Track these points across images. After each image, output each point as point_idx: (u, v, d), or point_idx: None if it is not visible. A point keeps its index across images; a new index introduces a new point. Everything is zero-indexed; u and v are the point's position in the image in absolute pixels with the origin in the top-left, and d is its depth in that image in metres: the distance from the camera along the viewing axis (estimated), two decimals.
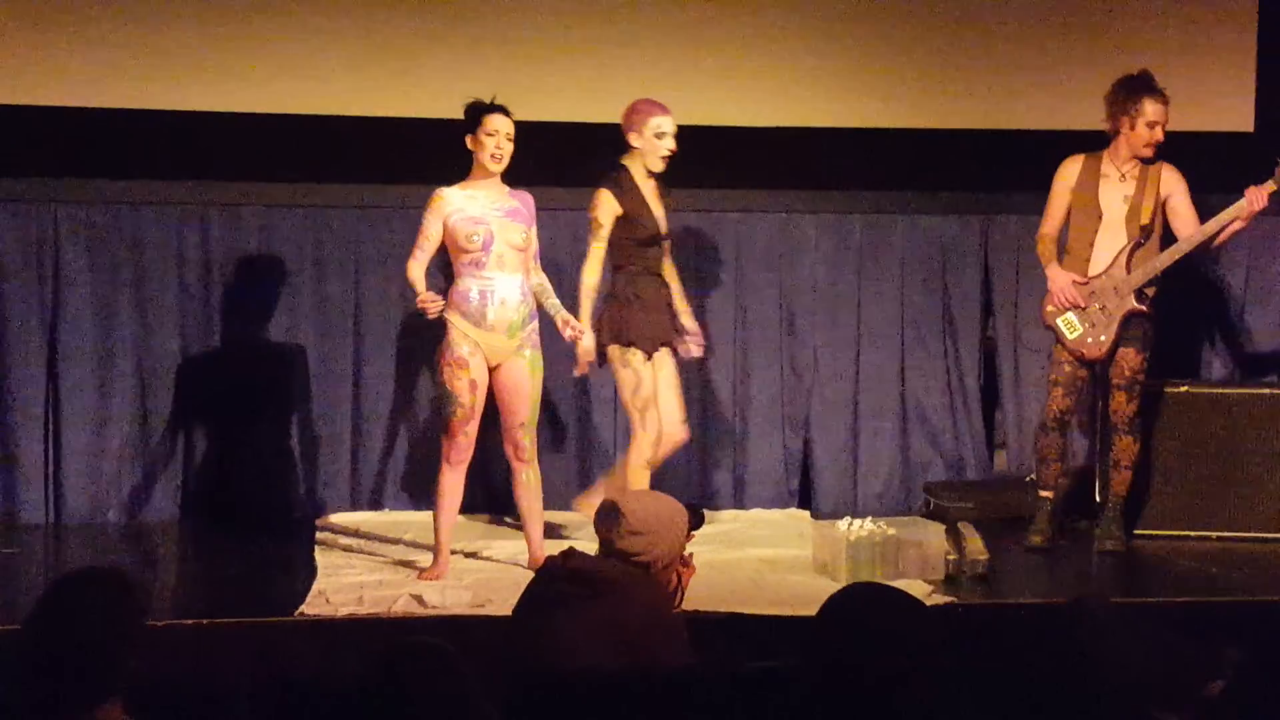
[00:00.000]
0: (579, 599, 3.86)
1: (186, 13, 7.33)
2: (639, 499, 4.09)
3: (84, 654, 3.18)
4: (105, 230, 7.45)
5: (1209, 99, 7.78)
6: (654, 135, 6.54)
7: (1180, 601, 6.05)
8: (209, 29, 7.35)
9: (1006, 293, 8.00)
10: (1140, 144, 6.79)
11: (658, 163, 6.56)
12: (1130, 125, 6.78)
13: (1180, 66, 7.73)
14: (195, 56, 7.34)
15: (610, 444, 7.75)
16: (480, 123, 6.21)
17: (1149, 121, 6.75)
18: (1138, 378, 6.91)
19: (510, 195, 6.32)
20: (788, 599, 5.86)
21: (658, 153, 6.54)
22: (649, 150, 6.55)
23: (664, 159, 6.55)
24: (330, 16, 7.43)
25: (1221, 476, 7.26)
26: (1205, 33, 7.89)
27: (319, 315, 7.61)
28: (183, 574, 6.93)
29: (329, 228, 7.62)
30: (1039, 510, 7.01)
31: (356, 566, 6.46)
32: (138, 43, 7.30)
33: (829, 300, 7.91)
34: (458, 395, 6.21)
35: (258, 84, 7.39)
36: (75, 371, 7.42)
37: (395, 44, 7.47)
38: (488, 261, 6.19)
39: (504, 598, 5.36)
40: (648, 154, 6.56)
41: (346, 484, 7.61)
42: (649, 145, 6.54)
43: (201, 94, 7.33)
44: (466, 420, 6.24)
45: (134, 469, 7.47)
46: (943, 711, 2.91)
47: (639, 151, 6.56)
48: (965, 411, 8.01)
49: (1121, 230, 6.84)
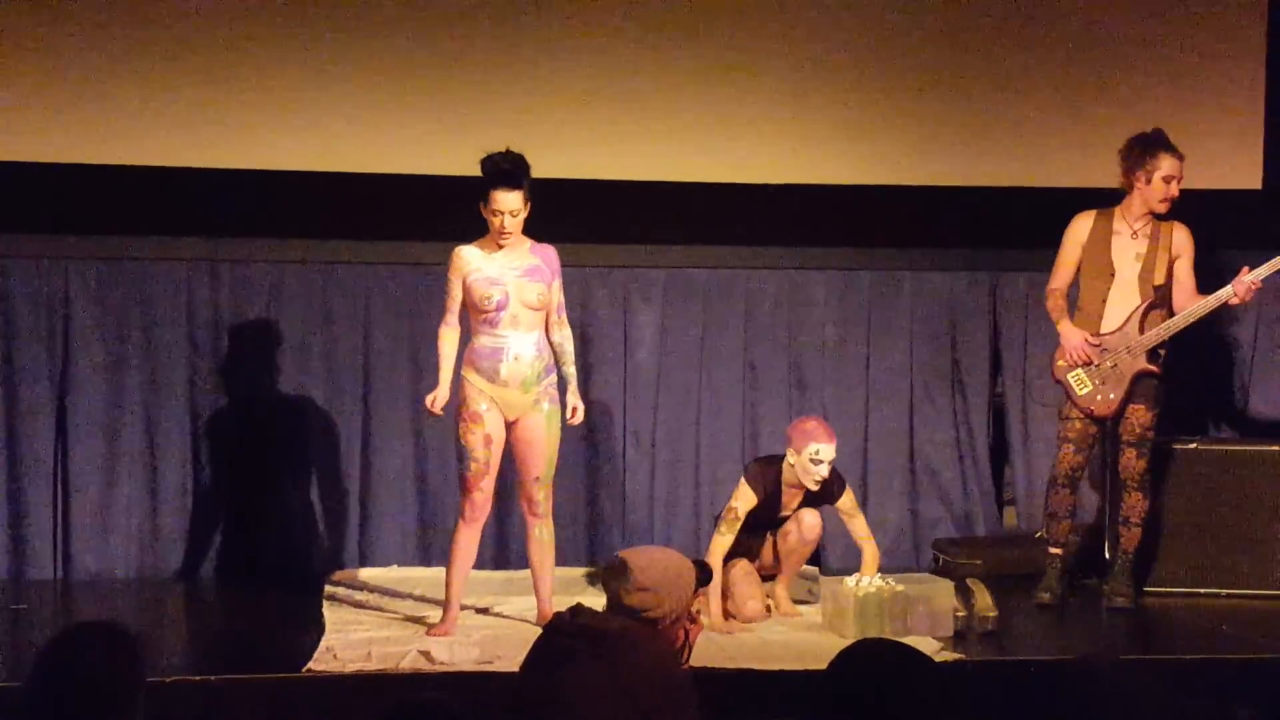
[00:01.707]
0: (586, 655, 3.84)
1: (197, 70, 7.36)
2: (647, 555, 4.08)
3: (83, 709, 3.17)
4: (115, 287, 7.47)
5: (1216, 156, 7.79)
6: (810, 460, 6.57)
7: (1190, 659, 6.03)
8: (219, 86, 7.37)
9: (1015, 349, 8.00)
10: (1156, 199, 6.80)
11: (811, 484, 6.61)
12: (1146, 180, 6.79)
13: (1188, 124, 7.75)
14: (205, 113, 7.36)
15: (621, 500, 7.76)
16: (487, 197, 6.17)
17: (1165, 176, 6.76)
18: (1148, 434, 6.90)
19: (531, 251, 6.29)
20: (795, 655, 5.86)
21: (811, 476, 6.59)
22: (801, 470, 6.60)
23: (817, 482, 6.59)
24: (341, 73, 7.46)
25: (1232, 534, 7.23)
26: (1213, 90, 7.91)
27: (329, 371, 7.62)
28: (190, 630, 6.92)
29: (339, 284, 7.63)
30: (1049, 567, 6.99)
31: (365, 622, 6.45)
32: (147, 100, 7.33)
33: (838, 357, 7.91)
34: (472, 450, 6.22)
35: (267, 140, 7.42)
36: (84, 428, 7.43)
37: (405, 101, 7.50)
38: (502, 320, 6.20)
39: (512, 654, 5.35)
40: (800, 473, 6.61)
41: (355, 539, 7.60)
42: (802, 466, 6.59)
43: (211, 150, 7.36)
44: (481, 475, 6.24)
45: (142, 525, 7.46)
46: None
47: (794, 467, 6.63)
48: (974, 468, 8.01)
49: (1134, 289, 6.84)
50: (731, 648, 6.03)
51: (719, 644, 6.05)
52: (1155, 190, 6.78)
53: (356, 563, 7.55)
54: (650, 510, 7.79)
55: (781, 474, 6.64)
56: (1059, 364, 6.92)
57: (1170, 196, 6.79)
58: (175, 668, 5.62)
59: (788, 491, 6.66)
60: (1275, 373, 8.02)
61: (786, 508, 6.70)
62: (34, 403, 7.40)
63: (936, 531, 7.89)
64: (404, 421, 7.63)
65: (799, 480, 6.59)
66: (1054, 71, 7.89)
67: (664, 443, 7.82)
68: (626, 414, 7.80)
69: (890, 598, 6.30)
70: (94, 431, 7.44)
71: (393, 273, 7.63)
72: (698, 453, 7.83)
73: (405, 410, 7.62)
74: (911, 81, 7.82)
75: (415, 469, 7.65)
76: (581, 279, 7.60)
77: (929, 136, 7.83)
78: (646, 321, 7.82)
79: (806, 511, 6.66)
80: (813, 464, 6.54)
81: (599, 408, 7.75)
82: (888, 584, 6.36)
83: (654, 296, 7.84)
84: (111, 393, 7.46)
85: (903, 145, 7.82)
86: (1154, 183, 6.78)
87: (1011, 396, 8.05)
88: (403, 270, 7.58)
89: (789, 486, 6.64)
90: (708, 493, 7.72)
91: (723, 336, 7.86)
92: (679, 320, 7.84)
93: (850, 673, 3.01)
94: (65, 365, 7.43)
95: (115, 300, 7.47)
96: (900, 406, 7.96)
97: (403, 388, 7.62)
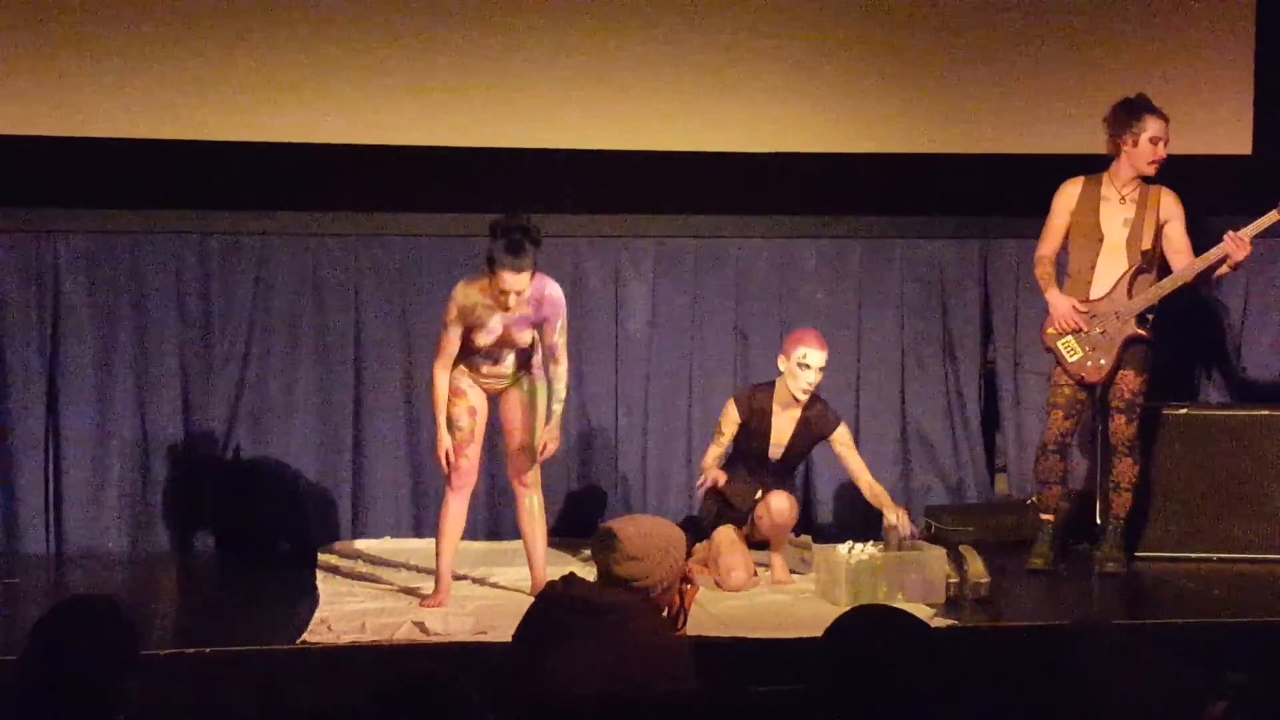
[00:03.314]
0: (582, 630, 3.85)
1: (186, 42, 7.34)
2: (635, 524, 4.09)
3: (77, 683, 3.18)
4: (104, 260, 7.46)
5: (1207, 122, 7.81)
6: (797, 364, 6.62)
7: (1182, 623, 6.05)
8: (208, 58, 7.35)
9: (1006, 317, 8.01)
10: (1144, 161, 6.81)
11: (799, 392, 6.66)
12: (1133, 143, 6.79)
13: (1178, 90, 7.76)
14: (194, 86, 7.35)
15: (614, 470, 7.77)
16: (494, 274, 5.96)
17: (1152, 137, 6.77)
18: (1137, 400, 6.91)
19: (530, 301, 6.11)
20: (790, 622, 5.87)
21: (798, 382, 6.64)
22: (790, 376, 6.66)
23: (805, 391, 6.64)
24: (329, 44, 7.43)
25: (1222, 498, 7.26)
26: (1203, 57, 7.91)
27: (320, 343, 7.61)
28: (184, 603, 6.91)
29: (329, 255, 7.62)
30: (1041, 533, 7.01)
31: (359, 594, 6.45)
32: (136, 73, 7.31)
33: (829, 325, 7.89)
34: (457, 420, 6.24)
35: (257, 112, 7.40)
36: (75, 401, 7.42)
37: (395, 71, 7.48)
38: (494, 356, 6.24)
39: (506, 624, 5.33)
40: (789, 380, 6.67)
41: (349, 512, 7.60)
42: (790, 371, 6.66)
43: (200, 123, 7.34)
44: (466, 444, 6.26)
45: (134, 498, 7.46)
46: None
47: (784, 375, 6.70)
48: (966, 435, 8.02)
49: (1123, 254, 6.85)
50: (725, 616, 6.05)
51: (712, 613, 6.06)
52: (1143, 152, 6.79)
53: (350, 535, 7.56)
54: (643, 480, 7.80)
55: (774, 394, 6.70)
56: (1048, 331, 6.93)
57: (1158, 158, 6.80)
58: (169, 641, 5.62)
59: (780, 414, 6.69)
60: (1265, 338, 8.03)
61: (779, 435, 6.71)
62: (25, 376, 7.40)
63: (929, 499, 7.91)
64: (396, 393, 7.63)
65: (790, 395, 6.63)
66: (1044, 38, 7.88)
67: (656, 412, 7.83)
68: (618, 383, 7.81)
69: (883, 565, 6.32)
70: (85, 405, 7.43)
71: (383, 244, 7.61)
72: (689, 422, 7.83)
73: (397, 382, 7.62)
74: (901, 49, 7.81)
75: (407, 440, 7.65)
76: (572, 249, 7.60)
77: (919, 104, 7.82)
78: (637, 291, 7.82)
79: (774, 496, 6.67)
80: (800, 368, 6.61)
81: (591, 377, 7.76)
82: (881, 551, 6.38)
83: (645, 266, 7.83)
84: (102, 366, 7.45)
85: (893, 113, 7.81)
86: (1141, 145, 6.78)
87: (1003, 364, 8.06)
88: (393, 241, 7.57)
89: (781, 406, 6.69)
90: (697, 459, 7.72)
91: (714, 306, 7.86)
92: (670, 290, 7.84)
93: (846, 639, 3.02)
94: (55, 339, 7.42)
95: (105, 274, 7.46)
96: (892, 374, 7.97)
97: (394, 359, 7.62)
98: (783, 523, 6.69)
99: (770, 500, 6.66)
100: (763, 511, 6.67)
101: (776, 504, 6.66)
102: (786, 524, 6.71)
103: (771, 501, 6.66)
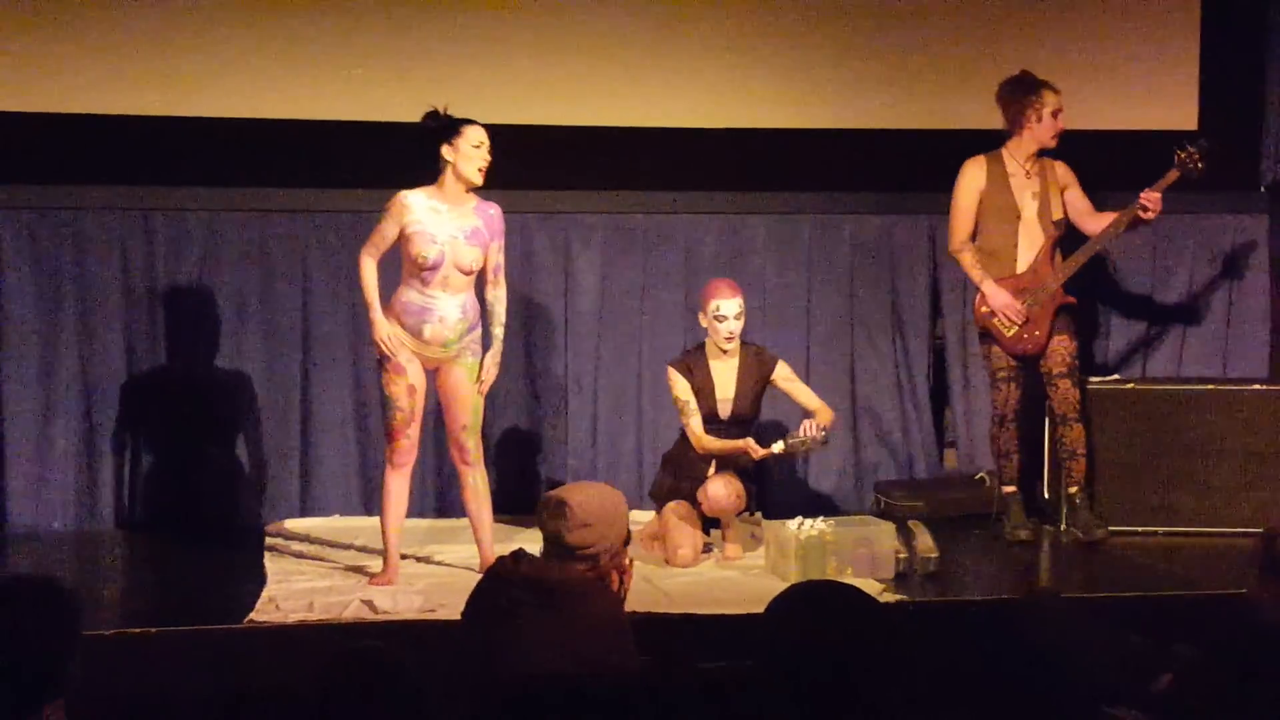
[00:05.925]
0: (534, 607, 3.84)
1: (130, 16, 7.27)
2: (582, 490, 4.08)
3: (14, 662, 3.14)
4: (47, 237, 7.39)
5: (1152, 98, 7.85)
6: (714, 317, 6.64)
7: (1129, 597, 6.08)
8: (153, 33, 7.30)
9: (955, 293, 8.02)
10: (1048, 135, 6.97)
11: (723, 342, 6.68)
12: (1038, 118, 6.95)
13: (1124, 65, 7.81)
14: (139, 60, 7.29)
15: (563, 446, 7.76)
16: (461, 133, 6.12)
17: (1053, 110, 6.94)
18: (1075, 363, 7.06)
19: (475, 211, 6.22)
20: (738, 598, 5.87)
21: (719, 334, 6.67)
22: (711, 330, 6.70)
23: (728, 339, 6.67)
24: (278, 18, 7.38)
25: (1169, 472, 7.29)
26: (1149, 32, 7.94)
27: (266, 320, 7.57)
28: (131, 582, 6.87)
29: (275, 232, 7.57)
30: (1011, 505, 7.07)
31: (307, 573, 6.43)
32: (79, 47, 7.25)
33: (778, 302, 7.91)
34: (395, 400, 6.21)
35: (202, 88, 7.35)
36: (19, 379, 7.35)
37: (344, 46, 7.44)
38: (433, 280, 6.15)
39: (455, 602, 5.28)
40: (711, 335, 6.70)
41: (296, 490, 7.57)
42: (710, 326, 6.69)
43: (144, 98, 7.28)
44: (407, 424, 6.23)
45: (79, 477, 7.40)
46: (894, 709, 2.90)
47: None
48: (915, 411, 8.04)
49: (1038, 227, 6.99)
50: (673, 592, 6.05)
51: (660, 588, 6.05)
52: (1047, 126, 6.95)
53: (298, 513, 7.52)
54: (593, 456, 7.79)
55: (705, 353, 6.74)
56: (982, 310, 7.00)
57: (1060, 130, 6.95)
58: (115, 620, 5.59)
59: (718, 370, 6.72)
60: (1210, 313, 8.07)
61: (723, 390, 6.72)
62: None
63: (878, 474, 7.93)
64: (344, 370, 7.60)
65: (719, 349, 6.66)
66: (988, 13, 7.90)
67: (605, 388, 7.82)
68: (568, 360, 7.79)
69: (833, 540, 6.33)
70: (28, 383, 7.36)
71: (330, 220, 7.57)
72: (639, 398, 7.82)
73: (345, 359, 7.58)
74: (847, 25, 7.82)
75: (355, 418, 7.62)
76: (522, 225, 7.57)
77: (868, 79, 7.83)
78: (587, 267, 7.80)
79: (711, 482, 6.65)
80: (717, 320, 6.65)
81: (540, 354, 7.74)
82: (830, 527, 6.39)
83: (594, 242, 7.81)
84: (46, 343, 7.38)
85: (841, 90, 7.82)
86: (1045, 119, 6.93)
87: (951, 339, 8.08)
88: (341, 218, 7.52)
89: (716, 362, 6.72)
90: (649, 438, 7.72)
91: (663, 282, 7.84)
92: (619, 266, 7.82)
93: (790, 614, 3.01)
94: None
95: (48, 250, 7.39)
96: (841, 350, 7.97)
97: (342, 336, 7.58)
98: (720, 509, 6.68)
99: (708, 487, 6.64)
100: (702, 497, 6.67)
101: (714, 491, 6.63)
102: (725, 510, 6.69)
103: (709, 488, 6.64)
